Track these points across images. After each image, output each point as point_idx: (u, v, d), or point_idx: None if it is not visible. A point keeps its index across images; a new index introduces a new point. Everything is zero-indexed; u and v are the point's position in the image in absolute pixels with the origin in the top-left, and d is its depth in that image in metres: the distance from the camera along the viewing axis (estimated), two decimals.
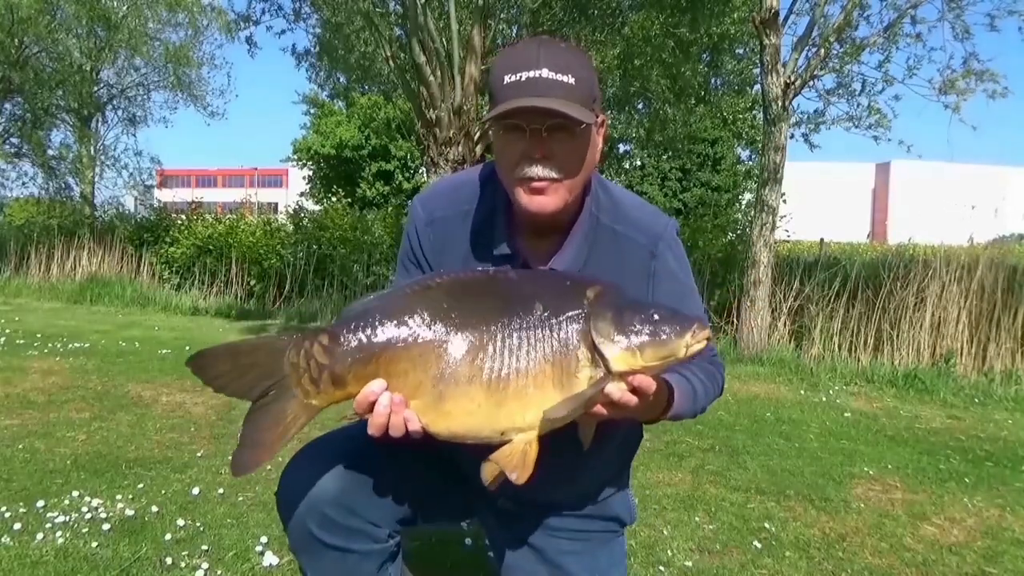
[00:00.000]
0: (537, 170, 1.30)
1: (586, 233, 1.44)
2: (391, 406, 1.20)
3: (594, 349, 1.22)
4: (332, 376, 1.25)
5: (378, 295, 1.33)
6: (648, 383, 1.20)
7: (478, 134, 7.40)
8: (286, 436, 1.28)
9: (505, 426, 1.22)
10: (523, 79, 1.27)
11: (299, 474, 1.43)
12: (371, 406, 1.21)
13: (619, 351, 1.21)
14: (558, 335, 1.22)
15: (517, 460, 1.22)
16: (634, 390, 1.19)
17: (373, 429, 1.21)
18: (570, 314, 1.24)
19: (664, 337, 1.22)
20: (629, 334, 1.22)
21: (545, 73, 1.27)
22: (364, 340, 1.25)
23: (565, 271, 1.43)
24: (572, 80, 1.28)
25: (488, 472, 1.25)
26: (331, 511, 1.38)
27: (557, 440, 1.23)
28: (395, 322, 1.25)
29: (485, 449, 1.24)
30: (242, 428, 1.27)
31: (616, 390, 1.19)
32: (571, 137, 1.30)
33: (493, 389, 1.20)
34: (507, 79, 1.29)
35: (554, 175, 1.31)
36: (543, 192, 1.32)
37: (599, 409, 1.21)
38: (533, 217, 1.37)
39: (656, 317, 1.23)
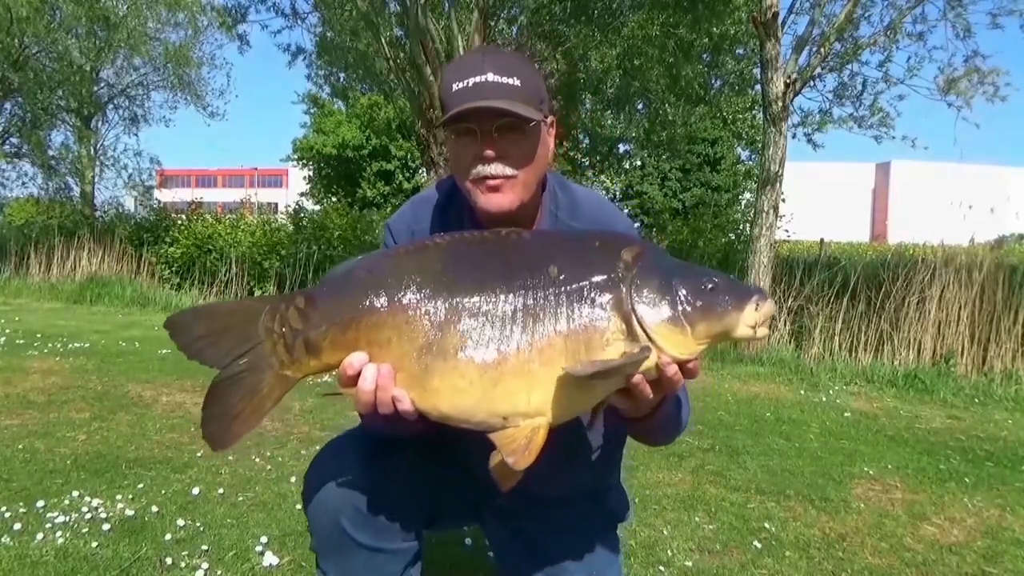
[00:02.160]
0: (491, 168, 1.33)
1: None
2: (377, 379, 1.10)
3: (630, 320, 1.06)
4: (306, 343, 1.11)
5: (368, 255, 1.21)
6: (697, 363, 1.10)
7: None
8: (262, 410, 1.15)
9: (506, 409, 1.07)
10: (470, 84, 1.31)
11: (327, 472, 1.41)
12: (353, 380, 1.12)
13: (667, 324, 1.05)
14: (580, 303, 1.07)
15: (519, 444, 1.06)
16: (682, 369, 1.09)
17: (359, 406, 1.13)
18: (599, 278, 1.08)
19: (720, 310, 1.06)
20: (680, 304, 1.06)
21: (491, 77, 1.30)
22: (343, 304, 1.11)
23: (592, 229, 1.39)
24: (517, 82, 1.32)
25: (496, 460, 1.10)
26: (365, 507, 1.37)
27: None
28: (380, 285, 1.11)
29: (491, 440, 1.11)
30: (210, 396, 1.14)
31: (671, 366, 1.06)
32: (521, 135, 1.33)
33: (488, 365, 1.06)
34: (455, 86, 1.32)
35: (508, 172, 1.34)
36: (499, 190, 1.35)
37: (643, 388, 1.09)
38: (493, 217, 1.38)
39: (710, 286, 1.08)
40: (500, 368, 1.06)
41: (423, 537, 1.52)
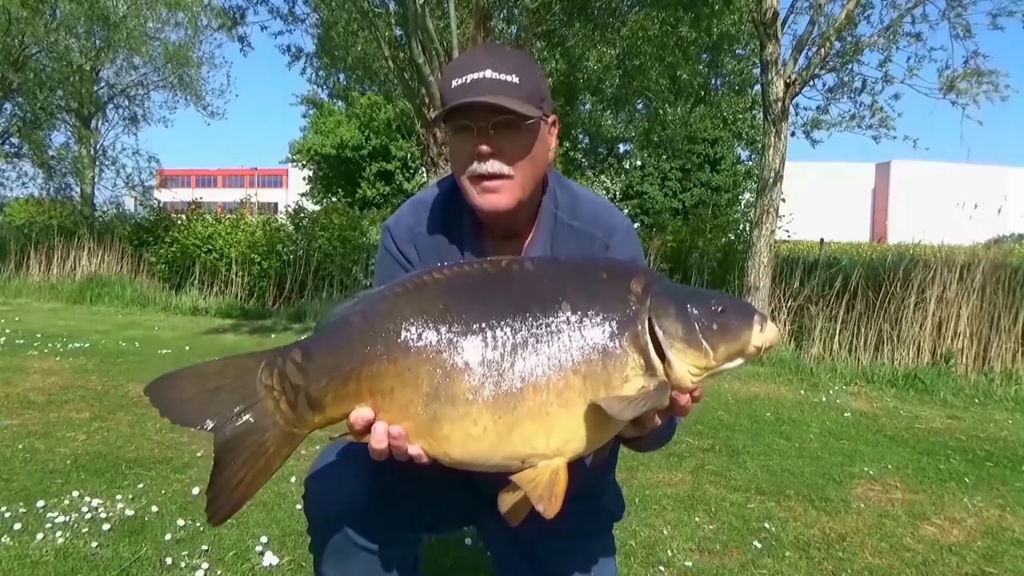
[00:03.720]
0: (487, 166, 1.33)
1: (548, 232, 1.47)
2: (388, 438, 1.08)
3: (648, 354, 1.05)
4: (308, 399, 1.07)
5: (363, 296, 1.15)
6: (702, 388, 1.11)
7: None
8: (269, 471, 1.09)
9: (524, 453, 1.05)
10: (468, 81, 1.31)
11: (329, 475, 1.40)
12: (363, 432, 1.10)
13: (692, 352, 1.05)
14: (595, 339, 1.05)
15: (543, 489, 1.04)
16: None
17: (374, 455, 1.11)
18: (614, 315, 1.06)
19: (735, 330, 1.07)
20: (699, 329, 1.06)
21: (489, 74, 1.30)
22: (341, 355, 1.07)
23: (593, 257, 1.39)
24: (516, 79, 1.31)
25: (508, 502, 1.08)
26: (369, 513, 1.37)
27: None
28: (378, 331, 1.06)
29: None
30: (218, 465, 1.07)
31: (684, 395, 1.07)
32: (518, 133, 1.33)
33: (501, 409, 1.03)
34: (454, 82, 1.32)
35: (504, 171, 1.33)
36: (496, 191, 1.35)
37: (653, 416, 1.10)
38: (490, 217, 1.39)
39: (720, 308, 1.08)
40: (516, 413, 1.03)
41: (423, 541, 1.51)
